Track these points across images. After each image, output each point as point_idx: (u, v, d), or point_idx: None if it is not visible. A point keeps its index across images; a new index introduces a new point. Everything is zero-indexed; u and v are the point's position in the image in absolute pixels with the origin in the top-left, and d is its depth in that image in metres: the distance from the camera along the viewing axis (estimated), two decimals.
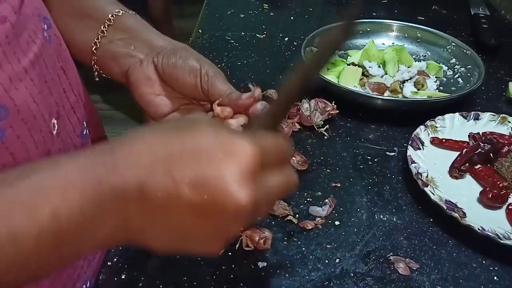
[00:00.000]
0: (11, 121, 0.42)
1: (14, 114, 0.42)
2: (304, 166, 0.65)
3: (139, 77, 0.53)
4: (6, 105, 0.41)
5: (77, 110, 0.55)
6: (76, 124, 0.55)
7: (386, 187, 0.64)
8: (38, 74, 0.45)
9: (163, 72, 0.52)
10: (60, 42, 0.53)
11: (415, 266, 0.53)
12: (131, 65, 0.53)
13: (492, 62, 0.93)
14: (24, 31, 0.44)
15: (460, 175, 0.64)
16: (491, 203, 0.60)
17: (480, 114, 0.73)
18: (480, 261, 0.55)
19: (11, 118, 0.42)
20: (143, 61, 0.53)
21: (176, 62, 0.51)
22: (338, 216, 0.59)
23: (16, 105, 0.42)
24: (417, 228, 0.58)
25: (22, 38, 0.44)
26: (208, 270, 0.52)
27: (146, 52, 0.54)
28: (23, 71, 0.43)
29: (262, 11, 1.09)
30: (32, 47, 0.45)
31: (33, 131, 0.45)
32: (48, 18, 0.51)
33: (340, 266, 0.53)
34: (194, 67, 0.51)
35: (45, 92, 0.47)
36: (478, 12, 1.07)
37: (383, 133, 0.74)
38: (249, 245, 0.54)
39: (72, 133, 0.54)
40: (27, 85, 0.43)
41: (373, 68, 0.84)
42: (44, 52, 0.47)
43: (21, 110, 0.43)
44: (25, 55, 0.44)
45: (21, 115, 0.43)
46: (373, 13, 1.08)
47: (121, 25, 0.55)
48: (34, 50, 0.45)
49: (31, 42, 0.45)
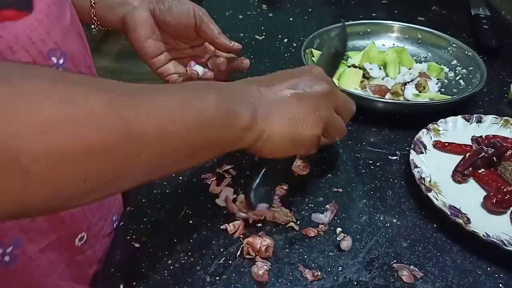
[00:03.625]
0: (69, 65, 0.50)
1: (70, 60, 0.51)
2: (305, 171, 0.64)
3: (135, 20, 0.61)
4: (65, 51, 0.50)
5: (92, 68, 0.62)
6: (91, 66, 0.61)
7: (389, 192, 0.63)
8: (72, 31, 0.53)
9: (158, 16, 0.61)
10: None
11: (419, 274, 0.52)
12: (127, 12, 0.62)
13: (493, 63, 0.92)
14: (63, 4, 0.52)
15: (463, 179, 0.64)
16: (495, 208, 0.59)
17: (482, 117, 0.73)
18: (485, 268, 0.54)
19: (69, 62, 0.50)
20: (138, 7, 0.62)
21: (171, 5, 0.61)
22: (340, 222, 0.58)
23: (70, 52, 0.51)
24: (421, 234, 0.57)
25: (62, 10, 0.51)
26: (208, 279, 0.51)
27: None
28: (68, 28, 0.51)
29: (261, 12, 1.08)
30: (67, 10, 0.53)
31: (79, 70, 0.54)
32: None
33: (343, 274, 0.52)
34: (190, 9, 0.61)
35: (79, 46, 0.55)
36: (479, 13, 1.07)
37: (385, 137, 0.73)
38: (250, 253, 0.53)
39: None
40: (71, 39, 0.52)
41: (374, 70, 0.83)
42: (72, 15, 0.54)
43: (73, 57, 0.52)
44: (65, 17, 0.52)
45: (74, 62, 0.52)
46: (372, 14, 1.08)
47: None
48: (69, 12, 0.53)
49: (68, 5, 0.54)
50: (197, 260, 0.52)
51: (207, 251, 0.53)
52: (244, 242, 0.53)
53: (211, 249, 0.54)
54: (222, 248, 0.54)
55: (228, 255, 0.53)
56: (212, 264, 0.52)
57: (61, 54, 0.49)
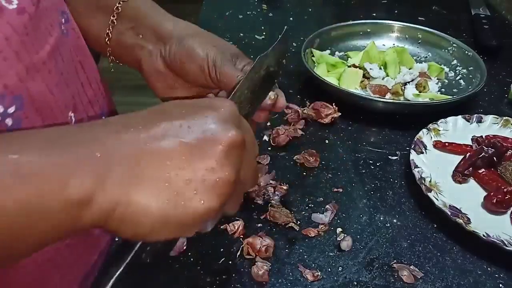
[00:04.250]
0: (27, 112, 0.41)
1: (30, 105, 0.41)
2: (315, 163, 0.66)
3: (151, 71, 0.53)
4: (22, 95, 0.40)
5: (95, 104, 0.54)
6: (93, 118, 0.53)
7: (389, 192, 0.63)
8: (55, 66, 0.45)
9: (171, 65, 0.52)
10: (78, 36, 0.53)
11: (420, 274, 0.52)
12: (143, 57, 0.54)
13: (493, 63, 0.92)
14: (42, 23, 0.44)
15: (463, 179, 0.64)
16: (496, 208, 0.59)
17: (483, 117, 0.72)
18: (485, 268, 0.54)
19: (26, 109, 0.41)
20: (152, 53, 0.53)
21: (181, 54, 0.50)
22: (340, 222, 0.58)
23: (32, 95, 0.41)
24: (421, 234, 0.57)
25: (39, 30, 0.44)
26: (208, 280, 0.50)
27: (154, 41, 0.53)
28: (41, 62, 0.43)
29: (261, 12, 1.08)
30: (49, 39, 0.45)
31: (49, 122, 0.44)
32: (66, 12, 0.51)
33: (343, 274, 0.52)
34: (200, 57, 0.49)
35: (62, 85, 0.46)
36: (479, 13, 1.06)
37: (385, 136, 0.73)
38: (250, 253, 0.52)
39: None
40: (44, 76, 0.43)
41: (374, 70, 0.83)
42: (61, 45, 0.47)
43: (37, 101, 0.42)
44: (43, 46, 0.44)
45: (36, 106, 0.42)
46: (373, 14, 1.08)
47: (128, 13, 0.55)
48: (50, 43, 0.45)
49: (48, 35, 0.45)
50: (197, 260, 0.52)
51: (207, 251, 0.53)
52: (244, 242, 0.53)
53: (211, 249, 0.54)
54: (222, 248, 0.54)
55: (228, 255, 0.53)
56: (212, 264, 0.52)
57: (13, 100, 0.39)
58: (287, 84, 0.83)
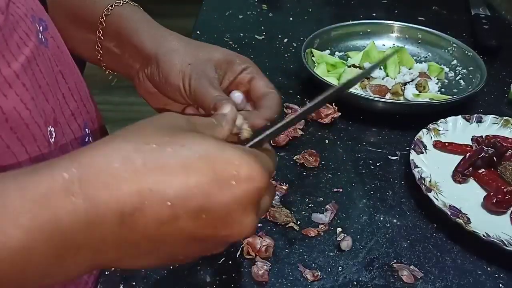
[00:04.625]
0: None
1: (2, 123, 0.39)
2: (316, 162, 0.66)
3: (142, 92, 0.53)
4: None
5: (78, 116, 0.52)
6: (77, 131, 0.52)
7: (389, 192, 0.63)
8: (31, 79, 0.42)
9: (156, 86, 0.50)
10: (58, 44, 0.50)
11: (419, 274, 0.52)
12: (134, 77, 0.53)
13: (493, 63, 0.92)
14: (14, 33, 0.42)
15: (463, 179, 0.64)
16: (496, 208, 0.59)
17: (482, 117, 0.73)
18: (485, 268, 0.54)
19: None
20: (139, 74, 0.52)
21: (160, 74, 0.48)
22: (340, 222, 0.58)
23: (4, 113, 0.39)
24: (421, 234, 0.57)
25: (12, 40, 0.41)
26: (208, 279, 0.50)
27: (139, 60, 0.52)
28: (14, 76, 0.40)
29: (261, 12, 1.07)
30: (24, 49, 0.42)
31: (26, 140, 0.41)
32: (44, 20, 0.48)
33: (343, 274, 0.52)
34: (176, 77, 0.47)
35: (39, 98, 0.44)
36: (479, 13, 1.06)
37: (385, 137, 0.73)
38: (250, 253, 0.53)
39: (73, 141, 0.51)
40: (18, 90, 0.40)
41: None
42: (38, 55, 0.44)
43: (10, 119, 0.39)
44: (16, 58, 0.41)
45: (10, 124, 0.39)
46: (372, 13, 1.08)
47: (112, 28, 0.53)
48: (26, 53, 0.42)
49: (23, 45, 0.42)
50: (197, 260, 0.52)
51: None
52: (244, 242, 0.53)
53: None
54: None
55: (228, 255, 0.53)
56: (212, 264, 0.52)
57: None
58: (287, 84, 0.83)
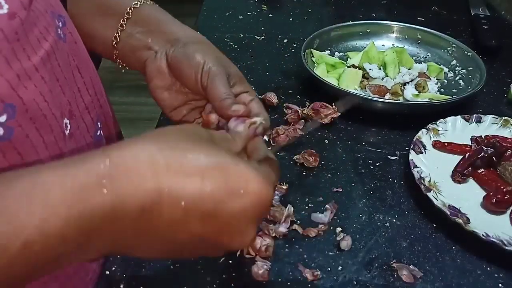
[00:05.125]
0: (19, 120, 0.41)
1: (22, 113, 0.41)
2: (315, 162, 0.66)
3: (152, 69, 0.53)
4: (14, 103, 0.40)
5: (92, 110, 0.54)
6: (90, 125, 0.53)
7: (388, 192, 0.63)
8: (49, 72, 0.44)
9: (171, 64, 0.52)
10: (75, 40, 0.52)
11: (419, 274, 0.52)
12: (149, 57, 0.54)
13: (492, 63, 0.92)
14: (35, 28, 0.43)
15: (463, 179, 0.64)
16: (495, 208, 0.59)
17: (482, 117, 0.73)
18: (485, 268, 0.54)
19: (19, 117, 0.41)
20: (158, 53, 0.54)
21: (182, 55, 0.51)
22: (340, 222, 0.58)
23: (24, 103, 0.41)
24: (420, 234, 0.57)
25: (32, 35, 0.42)
26: (209, 279, 0.51)
27: (162, 44, 0.54)
28: (33, 69, 0.42)
29: (261, 13, 1.08)
30: (44, 44, 0.44)
31: (43, 130, 0.43)
32: (63, 16, 0.50)
33: (343, 274, 0.52)
34: (197, 62, 0.50)
35: (56, 91, 0.45)
36: (478, 13, 1.07)
37: (385, 136, 0.73)
38: (250, 253, 0.53)
39: (85, 133, 0.52)
40: (37, 83, 0.42)
41: (373, 70, 0.83)
42: (56, 50, 0.46)
43: (30, 109, 0.41)
44: (36, 52, 0.42)
45: (29, 114, 0.41)
46: (372, 14, 1.08)
47: (139, 18, 0.56)
48: (45, 47, 0.44)
49: (42, 39, 0.44)
50: (197, 260, 0.52)
51: None
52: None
53: None
54: None
55: (228, 255, 0.53)
56: (212, 264, 0.52)
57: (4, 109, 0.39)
58: (287, 84, 0.83)
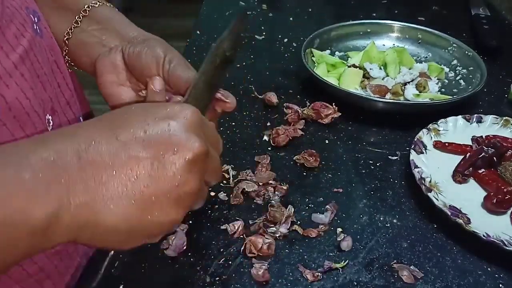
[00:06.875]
0: (4, 119, 0.41)
1: (6, 112, 0.41)
2: (316, 163, 0.65)
3: (105, 64, 0.51)
4: None
5: (73, 105, 0.53)
6: (72, 120, 0.53)
7: (389, 192, 0.63)
8: (29, 69, 0.44)
9: (128, 60, 0.50)
10: (51, 35, 0.52)
11: (420, 274, 0.52)
12: (101, 53, 0.52)
13: (493, 63, 0.92)
14: (11, 25, 0.43)
15: (463, 179, 0.64)
16: (496, 208, 0.59)
17: (483, 117, 0.73)
18: (485, 268, 0.54)
19: (3, 116, 0.41)
20: (112, 49, 0.51)
21: (141, 50, 0.49)
22: (340, 222, 0.58)
23: (7, 102, 0.41)
24: (421, 234, 0.57)
25: (9, 32, 0.42)
26: (208, 280, 0.50)
27: (117, 42, 0.52)
28: (13, 67, 0.42)
29: (261, 12, 1.08)
30: (21, 41, 0.43)
31: (27, 128, 0.43)
32: (37, 12, 0.50)
33: (343, 274, 0.52)
34: (158, 55, 0.48)
35: (38, 88, 0.45)
36: (479, 13, 1.06)
37: (385, 136, 0.73)
38: (252, 252, 0.53)
39: None
40: (17, 80, 0.42)
41: (374, 70, 0.83)
42: (34, 46, 0.45)
43: (13, 107, 0.41)
44: (14, 49, 0.42)
45: (13, 112, 0.41)
46: (372, 13, 1.08)
47: (96, 16, 0.54)
48: (23, 44, 0.43)
49: (20, 36, 0.43)
50: (197, 260, 0.52)
51: (207, 251, 0.53)
52: (246, 240, 0.53)
53: (211, 249, 0.54)
54: (222, 248, 0.54)
55: (228, 255, 0.53)
56: (212, 264, 0.52)
57: None
58: (287, 84, 0.83)
